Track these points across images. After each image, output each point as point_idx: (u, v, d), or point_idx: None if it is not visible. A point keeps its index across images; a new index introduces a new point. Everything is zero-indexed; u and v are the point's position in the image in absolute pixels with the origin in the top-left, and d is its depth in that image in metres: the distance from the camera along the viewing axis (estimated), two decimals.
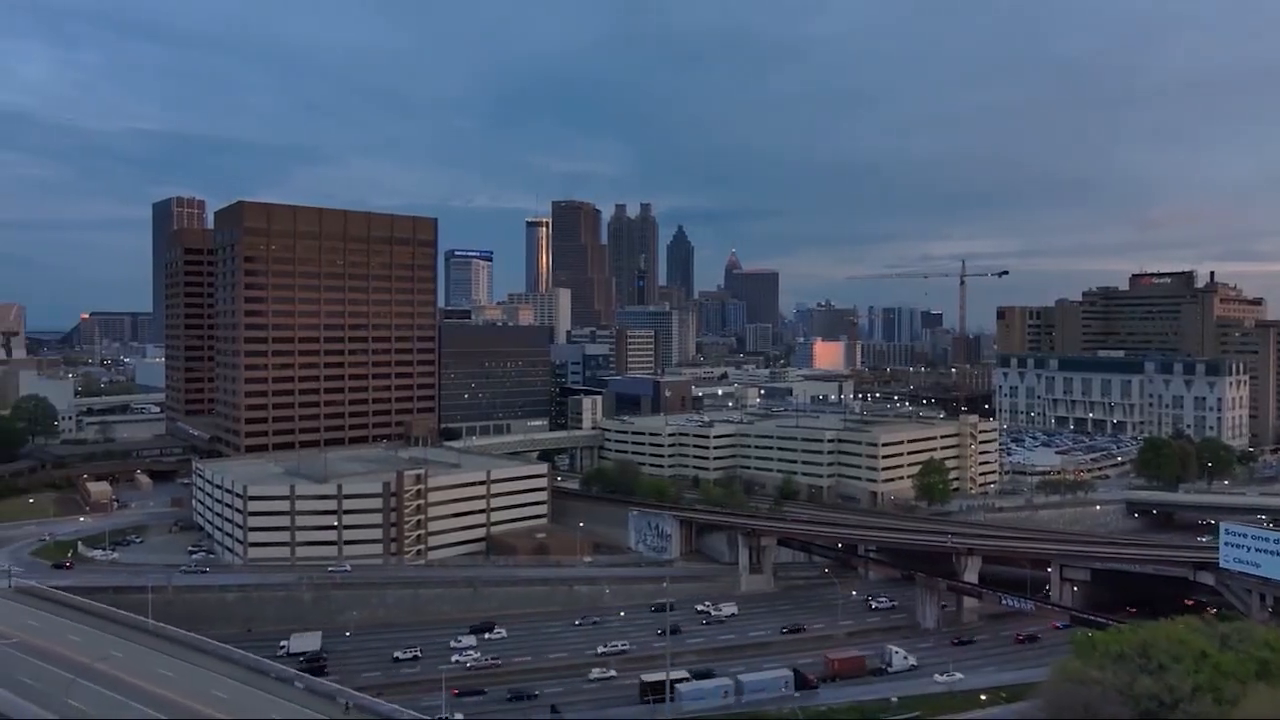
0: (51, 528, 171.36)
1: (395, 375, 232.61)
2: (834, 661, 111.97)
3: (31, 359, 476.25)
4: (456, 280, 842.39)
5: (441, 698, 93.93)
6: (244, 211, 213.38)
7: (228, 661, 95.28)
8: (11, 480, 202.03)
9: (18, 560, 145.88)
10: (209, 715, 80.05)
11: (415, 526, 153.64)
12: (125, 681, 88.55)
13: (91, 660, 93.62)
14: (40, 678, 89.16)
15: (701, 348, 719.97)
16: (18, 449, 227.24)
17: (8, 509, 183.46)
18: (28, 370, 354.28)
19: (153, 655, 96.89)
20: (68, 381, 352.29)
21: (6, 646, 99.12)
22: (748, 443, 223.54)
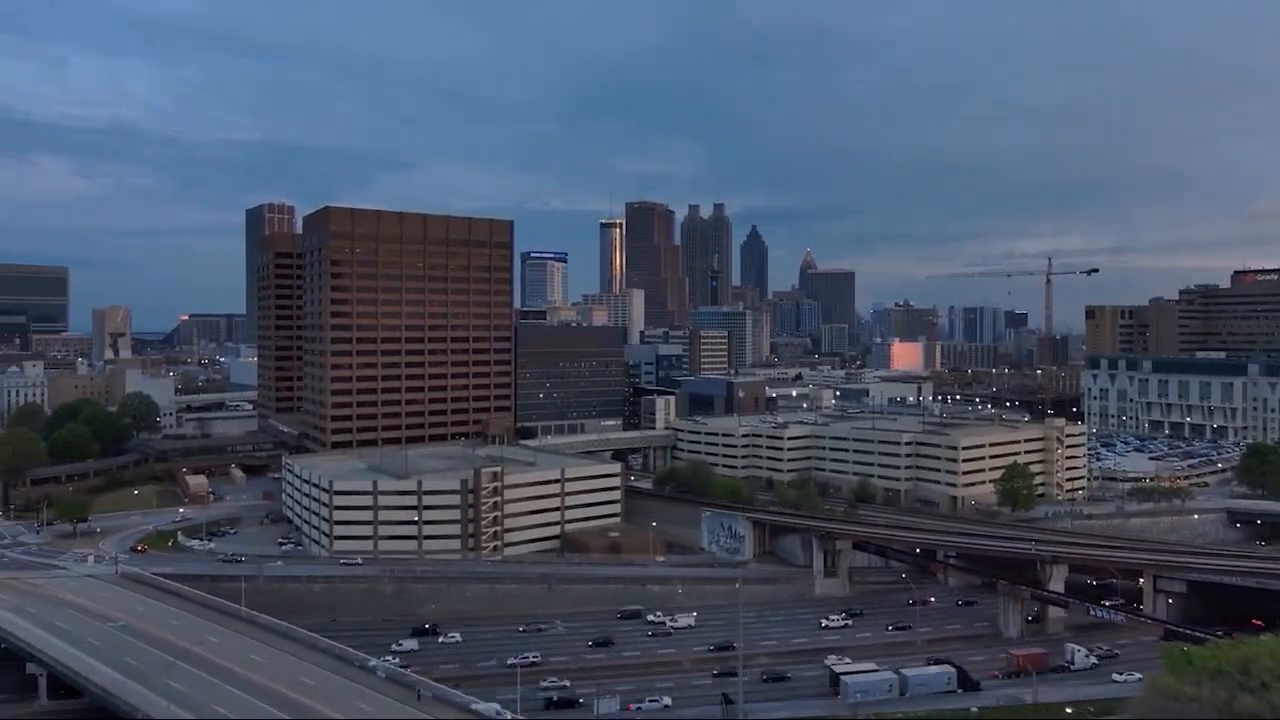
0: (154, 518, 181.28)
1: (473, 375, 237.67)
2: (1017, 658, 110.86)
3: (136, 358, 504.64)
4: (532, 281, 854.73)
5: (517, 692, 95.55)
6: (330, 217, 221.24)
7: (314, 649, 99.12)
8: (118, 473, 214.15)
9: (124, 549, 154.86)
10: (298, 700, 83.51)
11: (492, 523, 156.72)
12: (220, 665, 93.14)
13: (190, 644, 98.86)
14: (143, 659, 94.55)
15: (776, 348, 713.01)
16: (124, 443, 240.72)
17: (115, 500, 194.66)
18: (133, 369, 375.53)
19: (245, 641, 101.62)
20: (169, 380, 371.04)
21: (114, 629, 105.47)
22: (822, 444, 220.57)
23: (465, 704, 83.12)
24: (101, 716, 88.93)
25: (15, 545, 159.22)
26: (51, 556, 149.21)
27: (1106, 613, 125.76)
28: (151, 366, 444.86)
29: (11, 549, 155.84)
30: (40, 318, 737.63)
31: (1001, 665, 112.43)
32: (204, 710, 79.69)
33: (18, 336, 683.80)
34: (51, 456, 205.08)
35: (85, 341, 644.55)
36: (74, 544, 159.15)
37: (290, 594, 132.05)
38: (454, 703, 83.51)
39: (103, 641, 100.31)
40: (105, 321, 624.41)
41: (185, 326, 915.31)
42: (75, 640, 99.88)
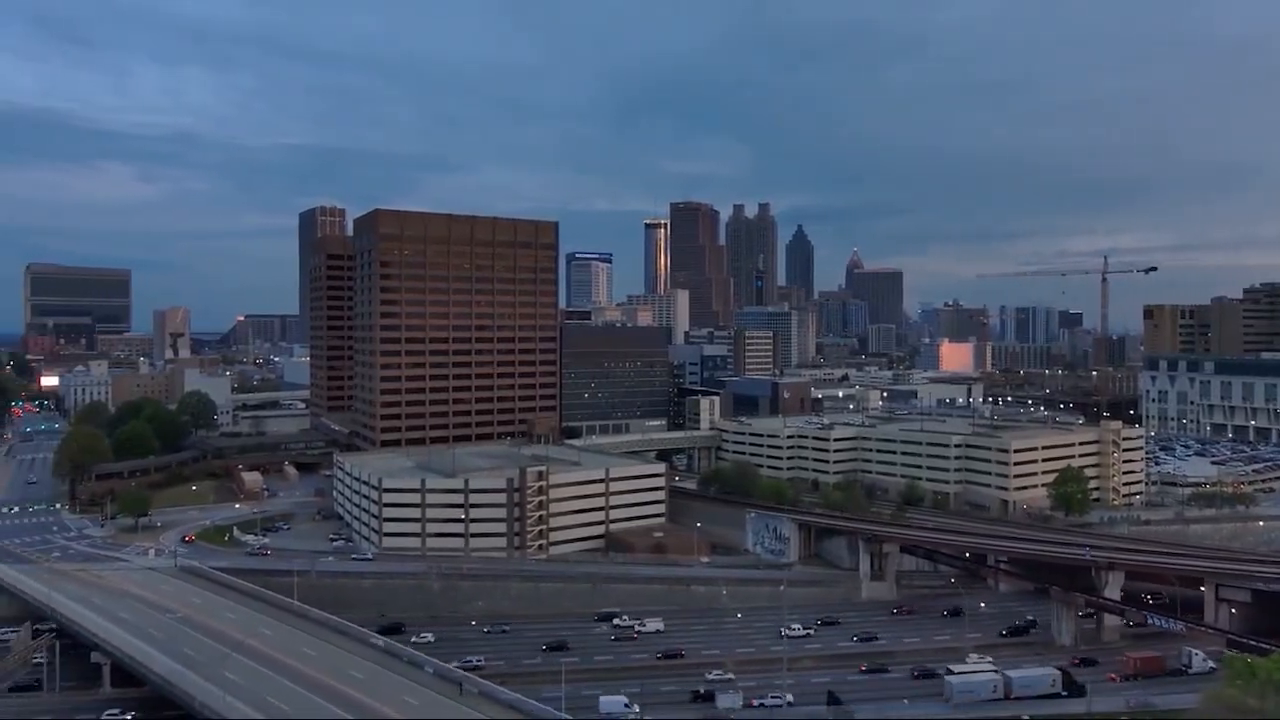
0: (211, 513, 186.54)
1: (519, 374, 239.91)
2: (1133, 660, 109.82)
3: (194, 358, 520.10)
4: (577, 282, 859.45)
5: (561, 690, 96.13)
6: (379, 219, 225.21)
7: (364, 644, 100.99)
8: (177, 469, 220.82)
9: (183, 542, 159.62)
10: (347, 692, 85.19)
11: (537, 522, 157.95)
12: (273, 657, 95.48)
13: (244, 636, 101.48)
14: (200, 650, 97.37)
15: (821, 349, 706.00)
16: (183, 441, 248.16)
17: (174, 495, 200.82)
18: (192, 369, 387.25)
19: (298, 634, 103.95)
20: (225, 379, 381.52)
21: (173, 620, 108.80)
22: (869, 446, 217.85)
23: (511, 701, 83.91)
24: (161, 704, 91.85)
25: (81, 538, 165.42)
26: (115, 550, 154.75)
27: (1166, 621, 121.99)
28: (209, 366, 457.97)
29: (78, 542, 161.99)
30: (105, 318, 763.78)
31: (1115, 668, 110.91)
32: (258, 701, 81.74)
33: (84, 337, 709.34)
34: (115, 453, 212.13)
35: (147, 341, 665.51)
36: (135, 538, 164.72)
37: (340, 589, 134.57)
38: (499, 699, 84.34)
39: (162, 632, 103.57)
40: (165, 322, 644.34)
41: (241, 327, 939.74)
42: (137, 630, 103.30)
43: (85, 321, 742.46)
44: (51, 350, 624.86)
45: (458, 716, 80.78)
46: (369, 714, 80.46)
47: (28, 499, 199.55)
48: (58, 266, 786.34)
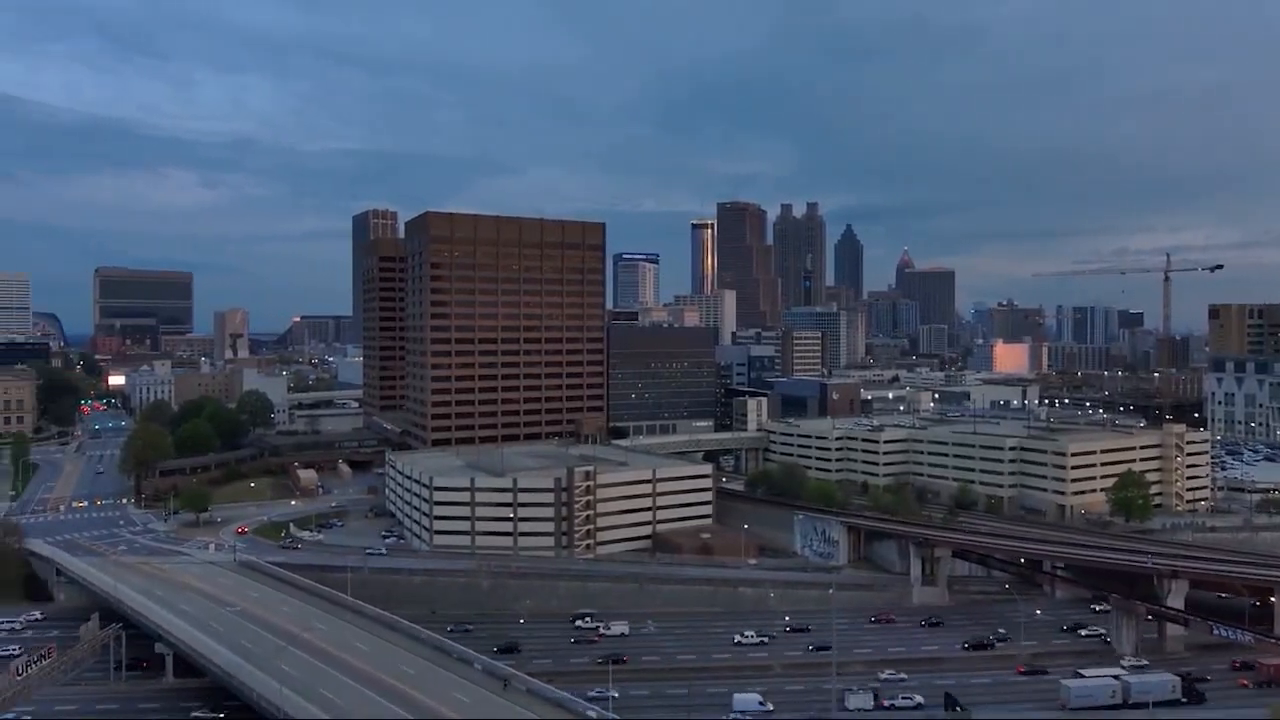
0: (268, 509, 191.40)
1: (566, 375, 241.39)
2: (1269, 667, 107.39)
3: (253, 358, 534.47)
4: (624, 282, 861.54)
5: (609, 689, 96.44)
6: (430, 221, 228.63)
7: (415, 640, 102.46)
8: (236, 466, 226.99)
9: (241, 537, 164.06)
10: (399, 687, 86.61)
11: (585, 521, 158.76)
12: (327, 651, 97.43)
13: (299, 630, 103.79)
14: (257, 642, 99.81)
15: (871, 350, 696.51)
16: (241, 438, 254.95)
17: (233, 492, 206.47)
18: (250, 368, 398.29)
19: (351, 629, 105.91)
20: (282, 379, 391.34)
21: (232, 613, 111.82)
22: (920, 448, 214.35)
23: (558, 699, 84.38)
24: (221, 694, 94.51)
25: (146, 532, 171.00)
26: (177, 544, 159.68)
27: (1232, 632, 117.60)
28: (266, 366, 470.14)
29: (142, 536, 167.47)
30: (168, 320, 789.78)
31: (1250, 675, 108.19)
32: (312, 693, 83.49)
33: (149, 338, 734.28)
34: (177, 450, 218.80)
35: (207, 342, 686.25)
36: (197, 532, 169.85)
37: (392, 585, 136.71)
38: (547, 697, 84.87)
39: (222, 625, 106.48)
40: (225, 323, 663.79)
41: (297, 328, 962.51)
42: (198, 623, 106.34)
43: (150, 323, 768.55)
44: (118, 350, 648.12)
45: (506, 714, 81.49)
46: (420, 709, 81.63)
47: (96, 493, 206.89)
48: (125, 270, 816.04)
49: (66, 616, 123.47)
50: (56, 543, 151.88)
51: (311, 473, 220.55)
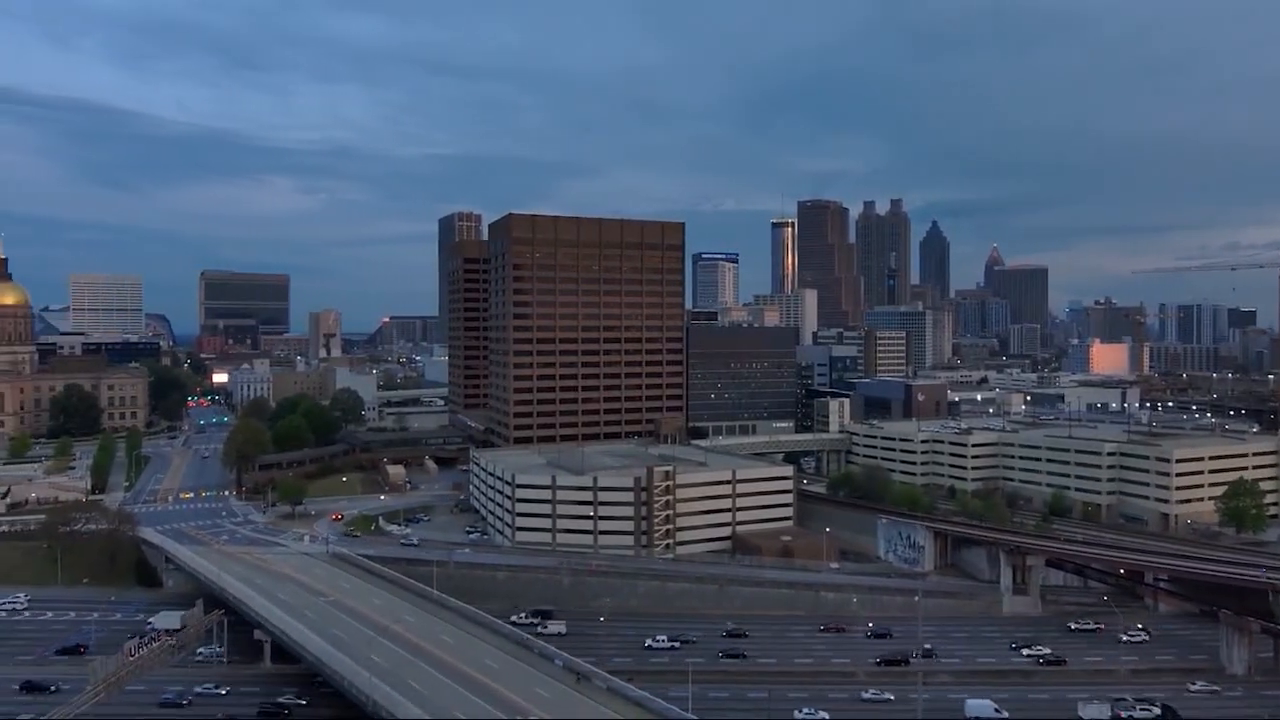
0: (359, 503, 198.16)
1: (646, 374, 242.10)
2: None
3: (345, 357, 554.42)
4: (703, 282, 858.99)
5: (688, 690, 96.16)
6: (512, 223, 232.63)
7: (498, 634, 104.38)
8: (329, 461, 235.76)
9: (333, 530, 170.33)
10: (482, 680, 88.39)
11: (664, 521, 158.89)
12: (414, 643, 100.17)
13: (388, 622, 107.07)
14: (349, 632, 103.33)
15: (958, 350, 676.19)
16: (334, 434, 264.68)
17: (326, 486, 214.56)
18: (342, 367, 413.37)
19: (436, 622, 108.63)
20: (372, 377, 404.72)
21: (325, 603, 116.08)
22: (1011, 452, 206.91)
23: (638, 698, 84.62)
24: (314, 681, 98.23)
25: (246, 523, 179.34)
26: (274, 535, 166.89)
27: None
28: (357, 365, 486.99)
29: (243, 526, 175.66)
30: (267, 320, 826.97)
31: None
32: (400, 684, 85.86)
33: (249, 337, 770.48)
34: (275, 445, 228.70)
35: (303, 342, 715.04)
36: (292, 524, 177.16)
37: (476, 580, 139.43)
38: (628, 696, 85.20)
39: (315, 614, 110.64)
40: (319, 324, 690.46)
41: (386, 328, 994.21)
42: (293, 611, 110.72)
43: (250, 323, 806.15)
44: (222, 349, 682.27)
45: (586, 712, 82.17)
46: (503, 702, 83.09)
47: (201, 485, 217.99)
48: (227, 273, 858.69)
49: (175, 602, 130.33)
50: (165, 531, 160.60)
51: (400, 468, 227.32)
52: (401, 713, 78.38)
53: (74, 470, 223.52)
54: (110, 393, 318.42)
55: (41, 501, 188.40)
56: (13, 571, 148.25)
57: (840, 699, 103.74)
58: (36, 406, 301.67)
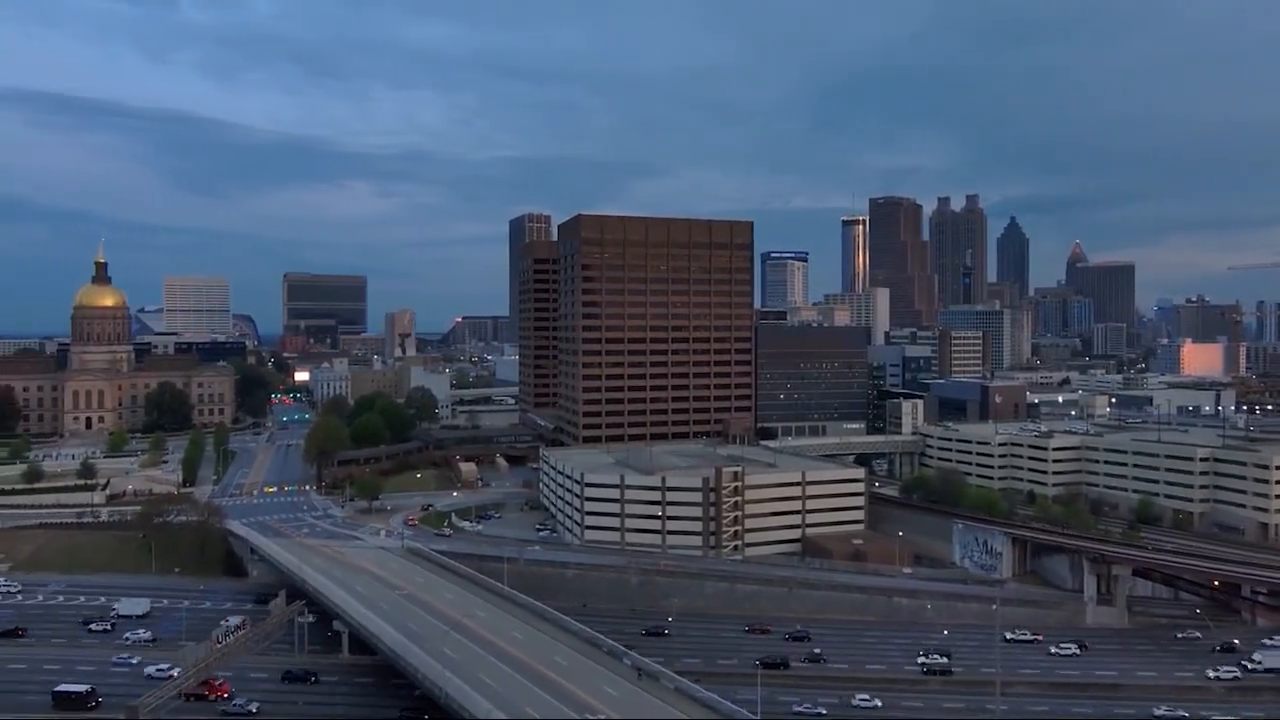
0: (432, 499, 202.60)
1: (714, 374, 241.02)
2: None
3: (419, 356, 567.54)
4: (772, 282, 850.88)
5: (757, 692, 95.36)
6: (581, 224, 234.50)
7: (567, 632, 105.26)
8: (404, 458, 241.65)
9: (408, 525, 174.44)
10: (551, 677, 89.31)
11: (733, 522, 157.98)
12: (485, 638, 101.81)
13: (461, 616, 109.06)
14: (423, 626, 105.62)
15: (1038, 350, 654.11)
16: (409, 431, 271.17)
17: (401, 482, 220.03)
18: (416, 366, 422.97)
19: (507, 618, 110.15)
20: (445, 376, 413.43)
21: (400, 597, 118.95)
22: (1095, 457, 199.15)
23: (706, 700, 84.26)
24: (389, 672, 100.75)
25: (325, 517, 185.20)
26: (352, 529, 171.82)
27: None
28: (431, 364, 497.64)
29: (323, 520, 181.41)
30: (346, 320, 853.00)
31: None
32: (472, 677, 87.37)
33: (329, 337, 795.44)
34: (353, 441, 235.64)
35: (379, 341, 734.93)
36: (369, 519, 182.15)
37: (545, 577, 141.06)
38: (695, 697, 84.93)
39: (390, 606, 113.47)
40: (395, 324, 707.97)
41: (459, 327, 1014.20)
42: (370, 604, 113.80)
43: (330, 323, 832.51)
44: (303, 349, 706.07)
45: (654, 711, 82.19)
46: (571, 699, 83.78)
47: (283, 480, 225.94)
48: (309, 275, 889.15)
49: (259, 592, 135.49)
50: (250, 524, 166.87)
51: (472, 466, 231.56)
52: (473, 705, 79.75)
53: (167, 464, 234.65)
54: (200, 390, 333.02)
55: (137, 493, 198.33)
56: (112, 560, 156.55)
57: (917, 706, 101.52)
58: (133, 403, 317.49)
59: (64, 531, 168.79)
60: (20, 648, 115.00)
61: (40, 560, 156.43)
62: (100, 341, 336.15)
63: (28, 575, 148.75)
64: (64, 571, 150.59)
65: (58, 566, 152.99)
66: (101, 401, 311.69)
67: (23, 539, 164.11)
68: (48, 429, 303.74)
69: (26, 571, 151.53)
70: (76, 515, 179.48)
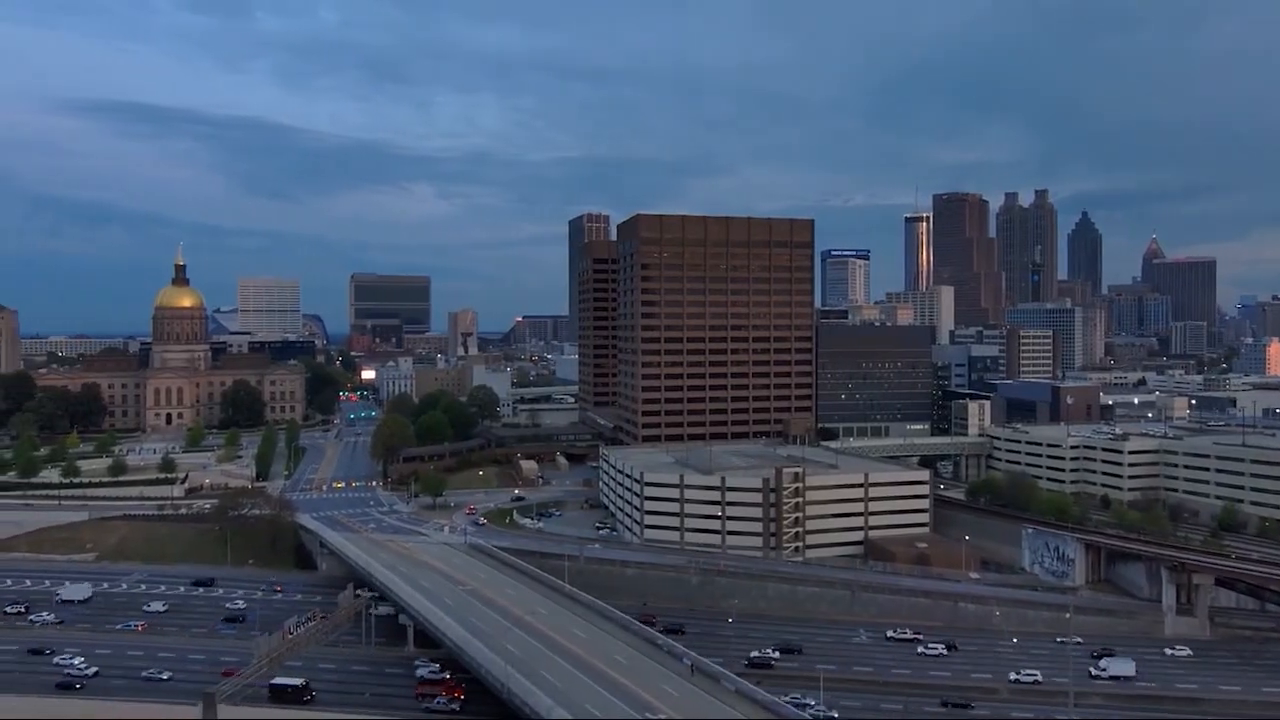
0: (494, 496, 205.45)
1: (774, 374, 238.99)
2: None
3: (481, 355, 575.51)
4: (833, 280, 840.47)
5: (819, 695, 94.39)
6: (640, 223, 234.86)
7: (627, 630, 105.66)
8: (467, 455, 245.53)
9: (471, 521, 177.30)
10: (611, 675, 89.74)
11: (793, 524, 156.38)
12: (547, 635, 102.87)
13: (523, 613, 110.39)
14: (486, 621, 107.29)
15: (1112, 350, 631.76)
16: (471, 429, 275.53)
17: (464, 479, 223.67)
18: (478, 365, 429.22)
19: (568, 616, 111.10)
20: (506, 374, 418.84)
21: (464, 592, 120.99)
22: (1174, 461, 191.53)
23: (767, 702, 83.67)
24: (453, 666, 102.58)
25: (391, 512, 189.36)
26: (416, 524, 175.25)
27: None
28: (493, 362, 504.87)
29: (389, 515, 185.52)
30: (410, 320, 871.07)
31: None
32: (534, 674, 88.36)
33: (394, 336, 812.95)
34: (417, 438, 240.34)
35: (442, 340, 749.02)
36: (433, 515, 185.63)
37: (605, 575, 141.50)
38: (756, 699, 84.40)
39: (455, 602, 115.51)
40: (457, 323, 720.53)
41: (519, 327, 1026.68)
42: (434, 598, 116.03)
43: (395, 323, 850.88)
44: (369, 348, 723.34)
45: (715, 712, 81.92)
46: (632, 698, 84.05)
47: (351, 475, 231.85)
48: (375, 276, 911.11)
49: (327, 584, 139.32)
50: (320, 518, 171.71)
51: (533, 463, 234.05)
52: (535, 701, 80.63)
53: (241, 459, 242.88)
54: (272, 388, 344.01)
55: (214, 487, 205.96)
56: (191, 550, 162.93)
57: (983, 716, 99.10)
58: (210, 400, 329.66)
59: (146, 523, 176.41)
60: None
61: (125, 550, 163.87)
62: (180, 341, 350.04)
63: (114, 564, 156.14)
64: (146, 561, 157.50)
65: (140, 556, 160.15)
66: (180, 398, 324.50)
67: (109, 529, 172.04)
68: (131, 424, 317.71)
69: (113, 560, 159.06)
70: (157, 507, 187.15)
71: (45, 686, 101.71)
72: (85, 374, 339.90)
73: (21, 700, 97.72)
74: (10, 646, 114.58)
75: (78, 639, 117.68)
